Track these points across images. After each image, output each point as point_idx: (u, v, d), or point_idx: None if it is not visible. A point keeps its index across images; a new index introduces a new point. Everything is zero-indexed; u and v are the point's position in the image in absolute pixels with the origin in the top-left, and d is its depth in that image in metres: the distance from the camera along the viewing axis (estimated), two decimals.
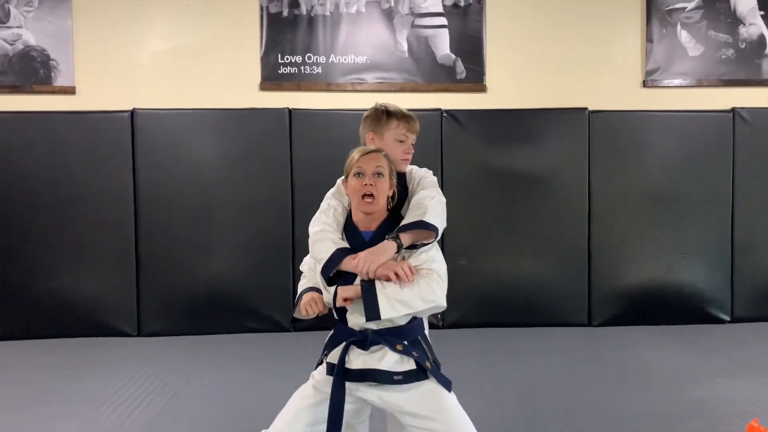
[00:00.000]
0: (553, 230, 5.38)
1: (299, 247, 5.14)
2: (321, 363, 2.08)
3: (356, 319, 1.99)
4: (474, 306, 5.33)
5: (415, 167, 2.28)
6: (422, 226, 1.97)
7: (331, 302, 2.03)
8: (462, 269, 5.15)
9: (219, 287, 5.21)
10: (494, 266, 5.34)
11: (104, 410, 3.56)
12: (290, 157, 5.23)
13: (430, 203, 2.03)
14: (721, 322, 5.46)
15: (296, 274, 5.18)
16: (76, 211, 5.13)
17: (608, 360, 4.47)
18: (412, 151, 2.33)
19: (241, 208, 5.21)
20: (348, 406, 2.01)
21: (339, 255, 1.98)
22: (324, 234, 2.04)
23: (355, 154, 2.09)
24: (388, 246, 1.95)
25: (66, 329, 5.09)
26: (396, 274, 1.90)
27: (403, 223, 2.01)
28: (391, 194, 2.09)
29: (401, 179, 2.18)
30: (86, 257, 5.14)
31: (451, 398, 2.00)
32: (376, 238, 2.02)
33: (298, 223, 5.13)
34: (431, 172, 2.26)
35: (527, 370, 4.25)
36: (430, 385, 1.99)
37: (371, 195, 2.01)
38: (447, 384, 2.00)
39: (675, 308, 5.42)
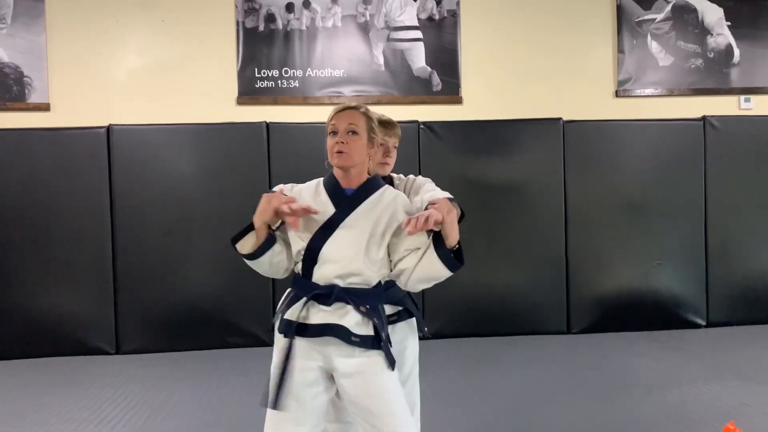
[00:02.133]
0: (530, 239, 5.43)
1: None
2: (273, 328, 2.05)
3: (326, 272, 1.96)
4: (453, 316, 5.35)
5: (419, 177, 2.38)
6: (454, 202, 2.04)
7: (299, 255, 1.99)
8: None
9: (198, 302, 5.17)
10: (473, 276, 5.34)
11: (82, 430, 3.51)
12: (268, 171, 5.23)
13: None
14: (697, 326, 5.55)
15: (276, 289, 5.18)
16: (52, 227, 5.07)
17: (587, 367, 4.52)
18: (393, 155, 2.37)
19: (219, 222, 5.18)
20: (322, 396, 1.97)
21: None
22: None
23: (331, 113, 2.06)
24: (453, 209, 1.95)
25: (42, 348, 5.01)
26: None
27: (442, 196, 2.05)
28: (372, 154, 2.06)
29: (387, 182, 2.19)
30: (62, 274, 5.08)
31: (393, 377, 1.97)
32: (358, 194, 2.01)
33: None
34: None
35: (508, 379, 4.27)
36: (377, 359, 1.95)
37: (342, 151, 1.98)
38: (392, 361, 1.97)
39: (652, 314, 5.49)
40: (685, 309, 5.55)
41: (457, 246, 1.95)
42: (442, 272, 1.97)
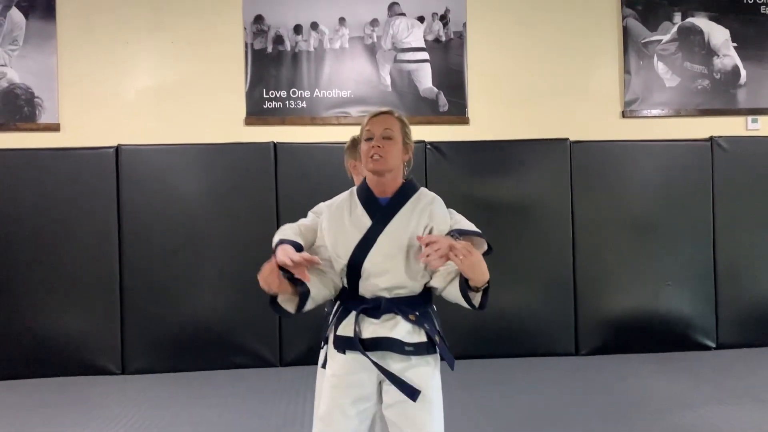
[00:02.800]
0: (538, 260, 5.41)
1: None
2: (326, 359, 2.02)
3: (371, 286, 1.95)
4: (461, 337, 5.30)
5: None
6: (482, 237, 2.00)
7: (343, 272, 1.97)
8: (449, 301, 5.14)
9: (204, 323, 5.16)
10: None
11: None
12: (275, 191, 5.25)
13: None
14: (707, 348, 5.49)
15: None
16: (60, 247, 5.08)
17: (596, 389, 4.47)
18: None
19: (227, 242, 5.20)
20: (372, 409, 1.97)
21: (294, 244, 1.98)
22: (284, 230, 2.05)
23: (366, 118, 2.05)
24: (481, 258, 1.90)
25: (48, 368, 5.00)
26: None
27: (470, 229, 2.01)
28: (407, 159, 2.06)
29: None
30: (70, 294, 5.08)
31: (436, 377, 1.98)
32: (393, 203, 2.00)
33: None
34: None
35: (516, 401, 4.23)
36: (432, 364, 1.97)
37: (379, 155, 1.97)
38: (451, 361, 1.97)
39: (661, 336, 5.44)
40: (695, 330, 5.49)
41: (485, 285, 1.91)
42: (466, 305, 1.96)
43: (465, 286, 1.90)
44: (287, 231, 2.05)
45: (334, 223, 2.02)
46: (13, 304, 5.04)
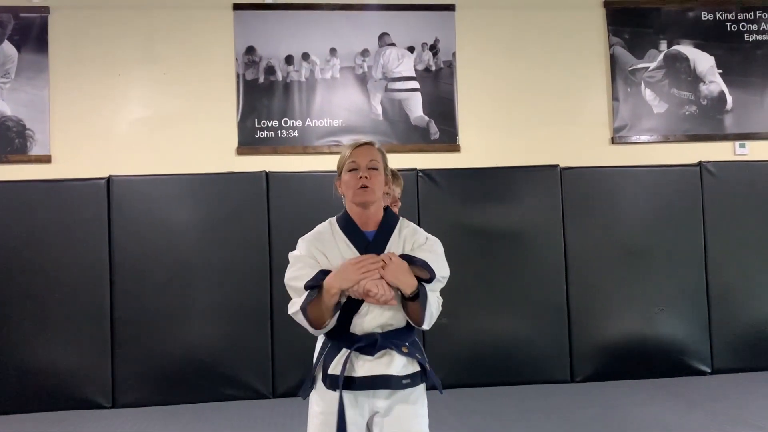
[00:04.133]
0: (531, 287, 5.40)
1: (277, 312, 5.08)
2: (311, 388, 2.00)
3: (368, 322, 1.93)
4: (456, 366, 5.27)
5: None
6: (427, 267, 1.95)
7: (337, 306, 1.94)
8: (443, 328, 5.11)
9: (196, 355, 5.10)
10: (474, 325, 5.32)
11: None
12: (268, 220, 5.24)
13: (439, 251, 2.05)
14: (702, 374, 5.47)
15: (275, 340, 5.13)
16: (51, 278, 5.04)
17: (592, 417, 4.43)
18: (398, 204, 2.38)
19: (219, 273, 5.17)
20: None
21: (322, 274, 1.94)
22: (302, 269, 1.98)
23: (346, 150, 2.04)
24: (402, 264, 1.92)
25: (38, 402, 4.91)
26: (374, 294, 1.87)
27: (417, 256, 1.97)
28: (387, 190, 2.06)
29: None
30: (60, 326, 5.02)
31: (425, 403, 2.02)
32: (379, 236, 2.00)
33: (276, 288, 5.09)
34: None
35: (512, 430, 4.18)
36: (418, 394, 1.99)
37: (367, 186, 1.96)
38: (439, 385, 2.01)
39: (656, 361, 5.42)
40: (690, 356, 5.48)
41: (415, 291, 1.91)
42: (413, 323, 1.99)
43: (402, 298, 1.93)
44: (310, 262, 1.99)
45: (330, 257, 1.98)
46: (2, 337, 4.97)
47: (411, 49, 5.72)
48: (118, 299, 5.09)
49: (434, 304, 1.95)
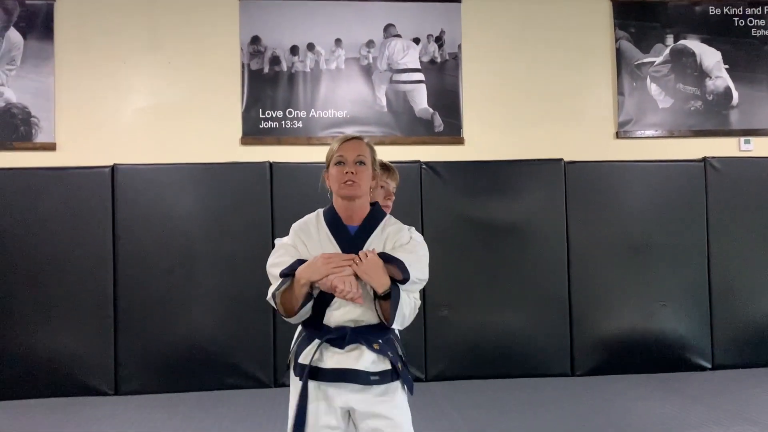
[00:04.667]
0: (533, 280, 5.41)
1: None
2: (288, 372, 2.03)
3: (340, 316, 1.95)
4: (456, 358, 5.30)
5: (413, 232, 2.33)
6: (402, 268, 1.93)
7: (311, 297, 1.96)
8: (443, 320, 5.15)
9: (198, 343, 5.13)
10: (475, 317, 5.33)
11: None
12: (271, 210, 5.25)
13: (421, 253, 2.02)
14: (703, 369, 5.48)
15: (277, 330, 5.15)
16: (55, 266, 5.07)
17: (591, 411, 4.45)
18: (392, 198, 2.37)
19: (222, 262, 5.19)
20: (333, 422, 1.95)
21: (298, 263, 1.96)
22: (282, 256, 2.01)
23: (335, 143, 2.05)
24: (377, 263, 1.91)
25: (41, 388, 4.96)
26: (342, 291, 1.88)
27: (395, 255, 1.95)
28: (374, 185, 2.07)
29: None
30: (63, 314, 5.05)
31: (404, 398, 2.00)
32: (362, 232, 2.00)
33: None
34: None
35: (510, 423, 4.20)
36: (394, 386, 1.98)
37: (353, 181, 1.97)
38: (411, 386, 2.00)
39: (657, 356, 5.43)
40: (691, 351, 5.49)
41: (387, 290, 1.92)
42: (385, 321, 1.97)
43: (375, 295, 1.94)
44: (291, 251, 2.02)
45: (310, 248, 2.01)
46: (7, 323, 5.01)
47: (416, 41, 5.71)
48: (122, 287, 5.12)
49: (407, 305, 1.94)
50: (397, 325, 1.95)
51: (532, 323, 5.38)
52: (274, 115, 5.59)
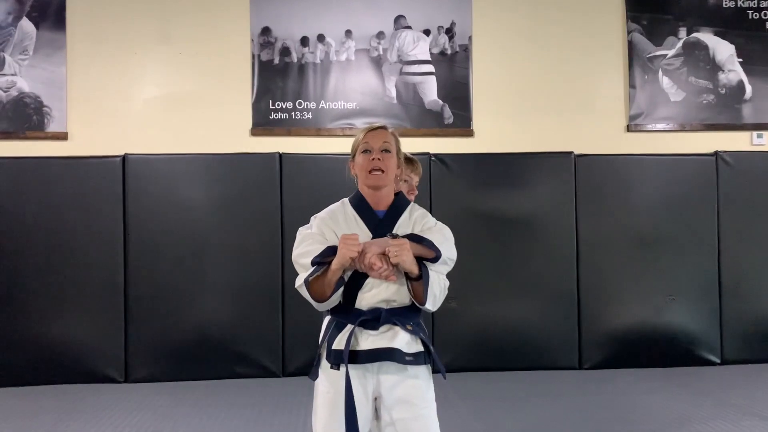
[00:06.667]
0: (542, 273, 5.40)
1: (288, 292, 5.13)
2: (319, 364, 2.03)
3: (371, 297, 1.97)
4: (464, 350, 5.31)
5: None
6: (432, 247, 1.98)
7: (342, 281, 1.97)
8: (452, 313, 5.15)
9: (208, 332, 5.17)
10: (484, 310, 5.34)
11: None
12: (280, 201, 5.27)
13: (448, 235, 2.07)
14: (712, 364, 5.46)
15: (285, 319, 5.18)
16: (66, 255, 5.12)
17: (599, 404, 4.45)
18: (415, 192, 2.39)
19: (231, 252, 5.22)
20: (369, 424, 1.98)
21: (331, 249, 1.97)
22: (311, 245, 2.02)
23: (360, 133, 2.10)
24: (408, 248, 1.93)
25: (52, 375, 5.02)
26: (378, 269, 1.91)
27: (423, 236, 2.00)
28: (399, 173, 2.10)
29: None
30: (74, 301, 5.11)
31: (432, 391, 2.03)
32: (389, 216, 2.04)
33: (287, 267, 5.13)
34: None
35: (518, 415, 4.22)
36: (425, 378, 2.01)
37: (379, 169, 2.01)
38: (443, 368, 2.04)
39: (665, 350, 5.42)
40: (699, 346, 5.47)
41: (414, 275, 1.96)
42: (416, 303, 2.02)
43: (406, 278, 1.98)
44: (319, 239, 2.03)
45: (340, 234, 2.01)
46: (18, 311, 5.07)
47: (427, 33, 5.69)
48: (132, 276, 5.16)
49: (437, 284, 1.98)
50: (429, 305, 1.97)
51: (540, 316, 5.38)
52: (284, 106, 5.59)
